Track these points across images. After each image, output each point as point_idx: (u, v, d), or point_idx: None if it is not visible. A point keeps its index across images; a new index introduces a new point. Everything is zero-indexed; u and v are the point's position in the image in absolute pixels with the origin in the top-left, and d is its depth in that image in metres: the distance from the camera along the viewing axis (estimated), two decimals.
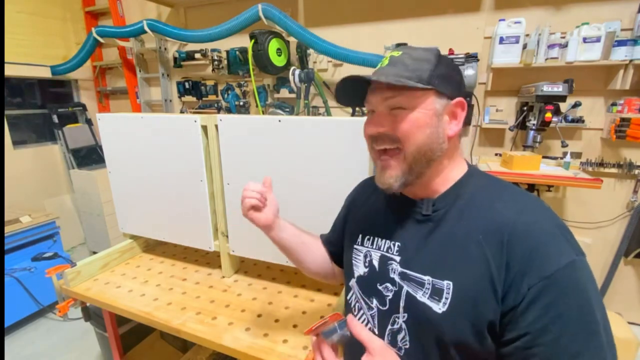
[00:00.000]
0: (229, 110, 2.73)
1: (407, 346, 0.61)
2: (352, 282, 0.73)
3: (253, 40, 2.25)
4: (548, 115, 1.75)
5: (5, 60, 2.75)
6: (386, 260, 0.66)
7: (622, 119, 1.78)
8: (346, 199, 0.90)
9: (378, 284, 0.66)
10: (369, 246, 0.71)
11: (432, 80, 0.57)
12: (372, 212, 0.76)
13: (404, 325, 0.61)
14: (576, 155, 2.02)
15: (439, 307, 0.56)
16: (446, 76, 0.59)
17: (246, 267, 1.40)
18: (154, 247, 1.60)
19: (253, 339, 0.98)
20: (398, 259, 0.64)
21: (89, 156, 3.26)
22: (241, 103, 2.68)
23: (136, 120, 1.30)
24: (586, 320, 0.48)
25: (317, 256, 0.89)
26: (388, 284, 0.64)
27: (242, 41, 2.54)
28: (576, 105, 1.84)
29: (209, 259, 1.47)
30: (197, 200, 1.26)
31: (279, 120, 1.06)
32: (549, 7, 1.93)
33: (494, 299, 0.52)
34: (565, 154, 1.86)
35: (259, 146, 1.11)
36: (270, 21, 2.18)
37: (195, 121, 1.17)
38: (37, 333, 2.28)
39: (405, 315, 0.61)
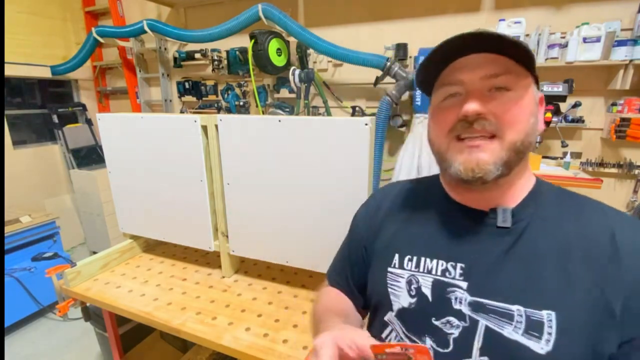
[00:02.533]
0: (229, 110, 2.73)
1: None
2: (390, 317, 0.57)
3: (253, 40, 2.25)
4: (548, 115, 1.75)
5: (5, 60, 2.75)
6: (444, 287, 0.52)
7: (622, 119, 1.78)
8: (356, 216, 0.73)
9: (434, 319, 0.52)
10: (413, 269, 0.56)
11: (534, 64, 0.49)
12: (410, 225, 0.61)
13: None
14: (576, 155, 2.02)
15: (540, 347, 0.44)
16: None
17: (246, 267, 1.40)
18: (154, 247, 1.60)
19: (253, 339, 0.98)
20: (464, 285, 0.51)
21: (89, 156, 3.26)
22: (241, 103, 2.68)
23: (136, 120, 1.30)
24: None
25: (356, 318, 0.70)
26: (452, 318, 0.50)
27: (242, 41, 2.54)
28: (576, 105, 1.84)
29: (209, 259, 1.47)
30: (197, 200, 1.26)
31: (279, 120, 1.06)
32: (549, 7, 1.93)
33: (613, 327, 0.43)
34: (565, 154, 1.86)
35: (259, 146, 1.11)
36: (270, 21, 2.18)
37: (195, 121, 1.17)
38: (37, 333, 2.28)
39: (485, 359, 0.47)
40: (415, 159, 1.99)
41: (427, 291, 0.54)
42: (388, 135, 2.24)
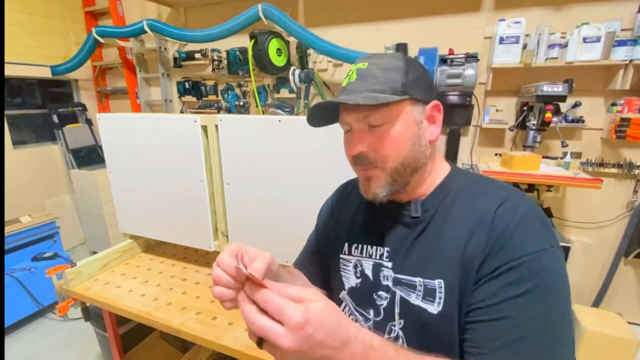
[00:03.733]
0: (229, 110, 2.73)
1: None
2: (343, 294, 0.70)
3: (253, 40, 2.25)
4: (548, 115, 1.75)
5: (5, 60, 2.75)
6: (379, 268, 0.64)
7: (622, 119, 1.78)
8: (321, 211, 0.85)
9: (374, 294, 0.64)
10: (358, 255, 0.68)
11: (405, 89, 0.55)
12: (357, 218, 0.72)
13: (400, 333, 0.59)
14: (576, 155, 2.02)
15: (434, 308, 0.55)
16: (417, 81, 0.57)
17: None
18: (154, 247, 1.60)
19: None
20: (390, 264, 0.62)
21: (89, 156, 3.26)
22: (241, 103, 2.68)
23: (136, 120, 1.30)
24: (543, 312, 0.47)
25: None
26: (382, 292, 0.62)
27: (242, 41, 2.54)
28: (576, 105, 1.84)
29: (209, 259, 1.47)
30: (197, 200, 1.26)
31: (279, 120, 1.06)
32: (549, 7, 1.93)
33: (472, 279, 0.52)
34: (565, 154, 1.86)
35: (259, 146, 1.11)
36: (270, 21, 2.18)
37: (195, 121, 1.17)
38: (37, 333, 2.28)
39: (402, 321, 0.59)
40: None
41: (369, 272, 0.65)
42: None
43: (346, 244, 0.70)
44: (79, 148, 3.20)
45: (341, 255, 0.70)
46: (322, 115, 0.63)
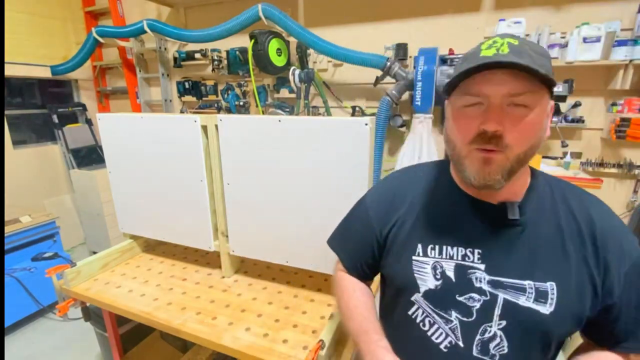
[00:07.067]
0: (229, 110, 2.73)
1: (504, 352, 0.60)
2: (417, 297, 0.66)
3: (253, 40, 2.25)
4: None
5: (5, 60, 2.75)
6: (465, 270, 0.62)
7: (622, 119, 1.78)
8: (371, 203, 0.76)
9: (457, 296, 0.62)
10: (436, 256, 0.65)
11: (552, 78, 0.52)
12: (427, 216, 0.68)
13: (499, 333, 0.60)
14: (576, 155, 2.02)
15: (546, 309, 0.58)
16: (552, 74, 0.54)
17: (246, 267, 1.40)
18: (154, 247, 1.60)
19: (253, 339, 0.98)
20: (482, 267, 0.61)
21: (89, 156, 3.26)
22: (241, 103, 2.68)
23: (136, 120, 1.30)
24: None
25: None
26: (473, 294, 0.61)
27: (242, 41, 2.54)
28: (576, 105, 1.84)
29: (209, 259, 1.47)
30: (197, 200, 1.26)
31: (279, 120, 1.06)
32: (549, 7, 1.93)
33: (593, 295, 0.58)
34: (565, 154, 1.86)
35: (259, 146, 1.11)
36: (270, 21, 2.18)
37: (195, 121, 1.17)
38: (37, 333, 2.28)
39: (503, 322, 0.60)
40: (415, 159, 1.99)
41: (450, 274, 0.63)
42: (388, 135, 2.24)
43: (420, 245, 0.67)
44: (79, 148, 3.20)
45: (414, 258, 0.67)
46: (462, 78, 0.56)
